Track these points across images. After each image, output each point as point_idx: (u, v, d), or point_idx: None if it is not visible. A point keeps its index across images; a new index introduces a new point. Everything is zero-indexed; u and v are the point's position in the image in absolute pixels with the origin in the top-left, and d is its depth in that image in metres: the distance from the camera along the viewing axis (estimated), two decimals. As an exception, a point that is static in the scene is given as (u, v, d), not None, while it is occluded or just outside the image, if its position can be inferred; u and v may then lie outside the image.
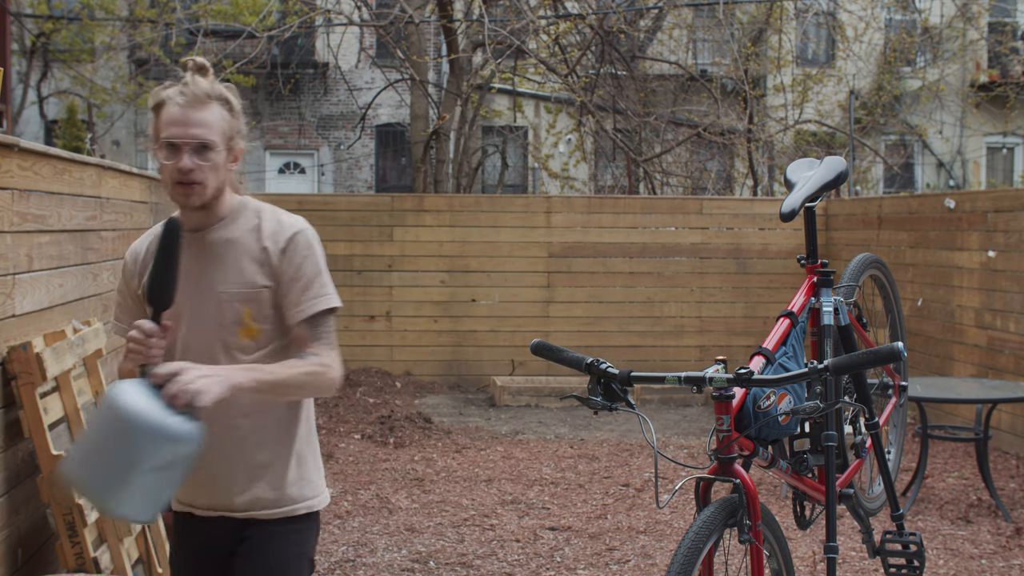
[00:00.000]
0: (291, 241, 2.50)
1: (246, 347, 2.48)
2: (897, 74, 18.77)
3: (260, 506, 2.54)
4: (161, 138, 2.42)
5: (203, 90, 2.42)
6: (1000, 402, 6.10)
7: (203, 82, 2.44)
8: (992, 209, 7.80)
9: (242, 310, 2.48)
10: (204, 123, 2.41)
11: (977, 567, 5.12)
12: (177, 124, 2.40)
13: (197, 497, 2.58)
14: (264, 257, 2.49)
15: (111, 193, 5.20)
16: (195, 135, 2.40)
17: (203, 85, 2.43)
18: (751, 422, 2.66)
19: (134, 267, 2.58)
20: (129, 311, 2.59)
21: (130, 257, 2.60)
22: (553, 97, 17.26)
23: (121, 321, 2.60)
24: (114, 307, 2.63)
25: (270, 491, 2.54)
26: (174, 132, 2.40)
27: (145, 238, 2.62)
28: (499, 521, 5.83)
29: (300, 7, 13.57)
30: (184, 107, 2.40)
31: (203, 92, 2.42)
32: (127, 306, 2.60)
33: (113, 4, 17.10)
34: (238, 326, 2.48)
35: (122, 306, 2.61)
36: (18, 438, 3.70)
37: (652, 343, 10.29)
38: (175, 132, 2.40)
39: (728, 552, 2.66)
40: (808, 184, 3.26)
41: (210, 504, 2.57)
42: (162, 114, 2.43)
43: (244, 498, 2.53)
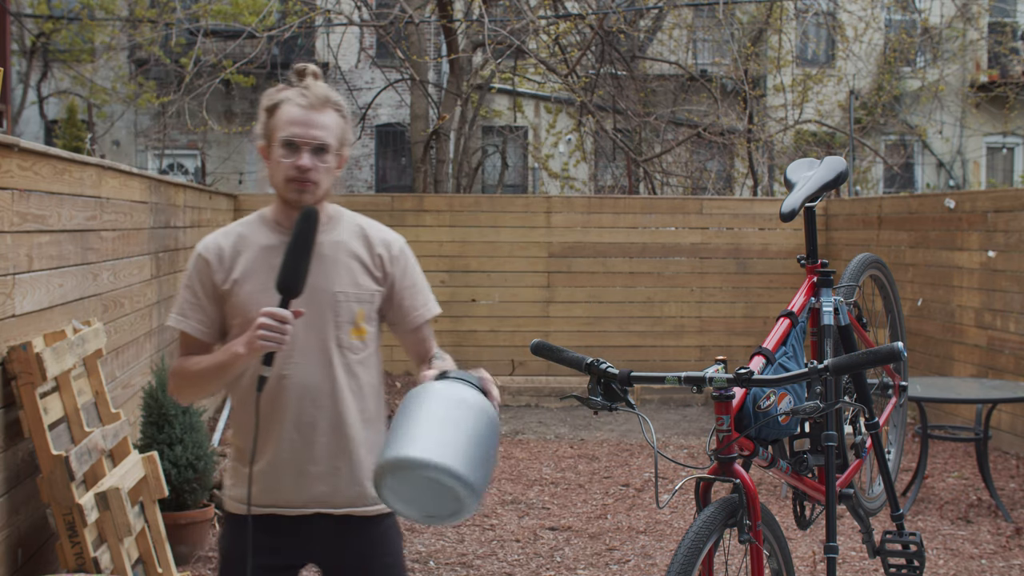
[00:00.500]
0: (402, 251, 2.64)
1: (356, 347, 2.55)
2: (897, 74, 18.77)
3: (362, 502, 2.56)
4: (280, 136, 2.47)
5: (323, 94, 2.50)
6: (1000, 402, 6.10)
7: (322, 87, 2.52)
8: (992, 209, 7.80)
9: (356, 311, 2.55)
10: (324, 126, 2.49)
11: (977, 567, 5.12)
12: (299, 124, 2.47)
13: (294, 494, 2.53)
14: (377, 263, 2.59)
15: (111, 193, 5.20)
16: (316, 136, 2.47)
17: (322, 90, 2.51)
18: (751, 422, 2.66)
19: (218, 264, 2.55)
20: (202, 309, 2.56)
21: (212, 255, 2.56)
22: (553, 97, 17.25)
23: (190, 319, 2.56)
24: (179, 302, 2.58)
25: (368, 488, 2.55)
26: (296, 132, 2.46)
27: (225, 236, 2.59)
28: (499, 521, 5.83)
29: (300, 7, 13.57)
30: (306, 109, 2.48)
31: (323, 96, 2.50)
32: (200, 305, 2.56)
33: (113, 4, 17.09)
34: (351, 326, 2.55)
35: (194, 305, 2.56)
36: (18, 438, 3.70)
37: (652, 343, 10.29)
38: (297, 132, 2.46)
39: (728, 552, 2.66)
40: (808, 184, 3.26)
41: (309, 500, 2.53)
42: (279, 114, 2.49)
43: (347, 494, 2.55)
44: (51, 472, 3.64)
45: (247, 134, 18.94)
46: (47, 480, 3.65)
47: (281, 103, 2.50)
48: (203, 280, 2.56)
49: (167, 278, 6.75)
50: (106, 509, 3.76)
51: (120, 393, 5.33)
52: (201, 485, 5.07)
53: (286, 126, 2.47)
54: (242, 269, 2.53)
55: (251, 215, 2.65)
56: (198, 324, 2.56)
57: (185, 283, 2.59)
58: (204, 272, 2.56)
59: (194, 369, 2.51)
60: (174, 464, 4.93)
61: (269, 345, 2.33)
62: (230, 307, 2.54)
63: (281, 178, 2.50)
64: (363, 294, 2.56)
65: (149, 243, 6.16)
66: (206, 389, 2.56)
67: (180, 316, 2.57)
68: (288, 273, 2.35)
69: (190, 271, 2.58)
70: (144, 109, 18.16)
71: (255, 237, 2.57)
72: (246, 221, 2.63)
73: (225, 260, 2.55)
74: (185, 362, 2.55)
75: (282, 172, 2.49)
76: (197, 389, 2.56)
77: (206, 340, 2.57)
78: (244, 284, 2.52)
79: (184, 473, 4.96)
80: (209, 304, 2.56)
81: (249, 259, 2.54)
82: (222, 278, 2.54)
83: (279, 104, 2.50)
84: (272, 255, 2.49)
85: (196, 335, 2.56)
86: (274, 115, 2.51)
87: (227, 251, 2.56)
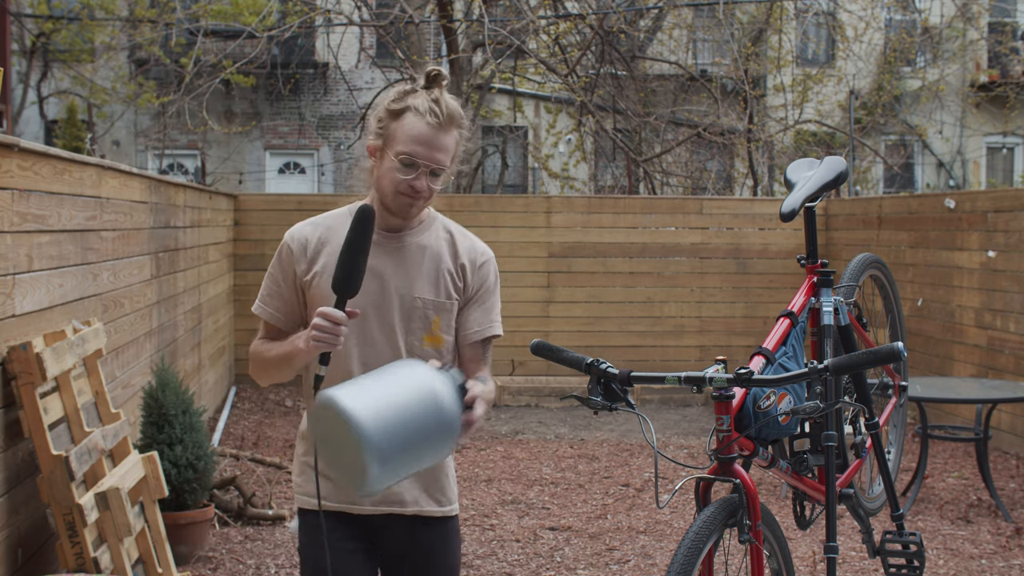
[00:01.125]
0: (486, 263, 2.57)
1: (429, 355, 2.47)
2: (897, 74, 18.77)
3: (429, 503, 2.56)
4: (400, 149, 2.39)
5: (452, 113, 2.41)
6: (1000, 402, 6.10)
7: (453, 104, 2.43)
8: (992, 209, 7.80)
9: (432, 318, 2.51)
10: (447, 149, 2.42)
11: (977, 567, 5.12)
12: (424, 144, 2.39)
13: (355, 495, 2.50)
14: (459, 273, 2.54)
15: (111, 193, 5.20)
16: (438, 160, 2.40)
17: (453, 108, 2.42)
18: (751, 422, 2.66)
19: (302, 254, 2.51)
20: (281, 298, 2.54)
21: (296, 244, 2.52)
22: (553, 97, 17.25)
23: (268, 306, 2.55)
24: (262, 290, 2.57)
25: (436, 490, 2.56)
26: (419, 152, 2.38)
27: (313, 227, 2.55)
28: (499, 521, 5.83)
29: (300, 7, 13.57)
30: (434, 129, 2.39)
31: (452, 115, 2.41)
32: (280, 293, 2.54)
33: (113, 4, 17.10)
34: (424, 332, 2.50)
35: (274, 293, 2.55)
36: (18, 438, 3.70)
37: (652, 343, 10.29)
38: (420, 152, 2.39)
39: (728, 552, 2.66)
40: (808, 184, 3.26)
41: (379, 500, 2.51)
42: (404, 123, 2.40)
43: (416, 494, 2.54)
44: (51, 472, 3.64)
45: (247, 134, 18.95)
46: (47, 480, 3.65)
47: (408, 111, 2.40)
48: (285, 269, 2.53)
49: (167, 278, 6.75)
50: (106, 509, 3.76)
51: (120, 393, 5.33)
52: (201, 485, 5.07)
53: (409, 142, 2.39)
54: (324, 262, 2.49)
55: (342, 207, 2.58)
56: (275, 312, 2.54)
57: (269, 271, 2.56)
58: (287, 261, 2.52)
59: (266, 355, 2.51)
60: (174, 464, 4.93)
61: (321, 346, 2.28)
62: (309, 298, 2.51)
63: (391, 188, 2.43)
64: (442, 303, 2.51)
65: (149, 243, 6.16)
66: (277, 375, 2.53)
67: (261, 303, 2.56)
68: (343, 273, 2.29)
69: (275, 260, 2.55)
70: (144, 109, 18.16)
71: (341, 229, 2.46)
72: (338, 213, 2.57)
73: (309, 251, 2.51)
74: (261, 346, 2.54)
75: (393, 184, 2.42)
76: (269, 374, 2.55)
77: (283, 327, 2.54)
78: (324, 277, 2.48)
79: (184, 473, 4.96)
80: (289, 292, 2.53)
81: (332, 252, 2.47)
82: (304, 269, 2.51)
83: (406, 111, 2.41)
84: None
85: (274, 322, 2.54)
86: (398, 121, 2.41)
87: (312, 242, 2.52)
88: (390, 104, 2.44)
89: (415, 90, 2.44)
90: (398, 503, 2.53)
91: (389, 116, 2.43)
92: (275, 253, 2.57)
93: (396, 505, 2.53)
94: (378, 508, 2.52)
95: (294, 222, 2.62)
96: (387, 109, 2.44)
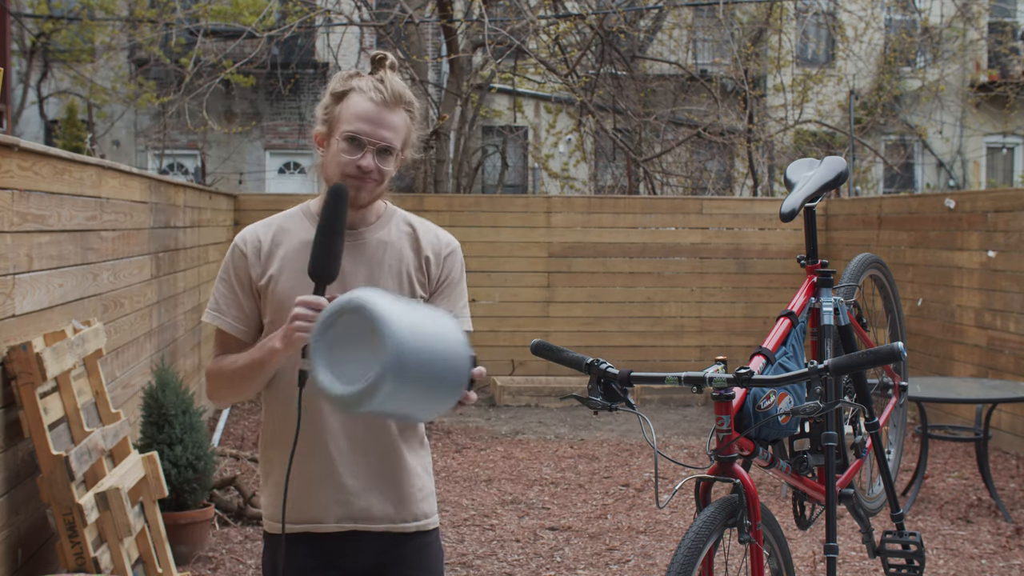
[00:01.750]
0: (451, 256, 2.48)
1: None
2: (897, 74, 18.76)
3: (401, 519, 2.41)
4: (345, 129, 2.31)
5: (398, 92, 2.34)
6: (1000, 402, 6.10)
7: (398, 83, 2.35)
8: (992, 209, 7.80)
9: None
10: (393, 126, 2.33)
11: (977, 567, 5.12)
12: (368, 121, 2.31)
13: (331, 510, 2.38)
14: (424, 267, 2.44)
15: (111, 193, 5.20)
16: (383, 137, 2.32)
17: (398, 86, 2.35)
18: (751, 422, 2.66)
19: (256, 258, 2.40)
20: (239, 305, 2.40)
21: (249, 247, 2.41)
22: (553, 97, 17.25)
23: (226, 315, 2.40)
24: (214, 297, 2.42)
25: (408, 503, 2.42)
26: (363, 129, 2.31)
27: (265, 228, 2.44)
28: (499, 521, 5.83)
29: (300, 7, 13.57)
30: (379, 105, 2.32)
31: (398, 93, 2.34)
32: (236, 300, 2.40)
33: (113, 4, 17.10)
34: None
35: (230, 301, 2.40)
36: (18, 438, 3.70)
37: (652, 343, 10.29)
38: (365, 129, 2.31)
39: (728, 552, 2.66)
40: (808, 184, 3.26)
41: (345, 516, 2.38)
42: (348, 104, 2.33)
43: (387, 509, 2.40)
44: (51, 472, 3.64)
45: (247, 134, 18.94)
46: (47, 480, 3.65)
47: (352, 92, 2.33)
48: (239, 274, 2.40)
49: (167, 278, 6.75)
50: (106, 509, 3.76)
51: (120, 393, 5.33)
52: (201, 485, 5.07)
53: (353, 120, 2.31)
54: (279, 264, 2.38)
55: (295, 207, 2.49)
56: (234, 320, 2.40)
57: (221, 276, 2.43)
58: (240, 266, 2.40)
59: (230, 369, 2.35)
60: (174, 464, 4.93)
61: (306, 337, 2.13)
62: (265, 303, 2.39)
63: (337, 172, 2.33)
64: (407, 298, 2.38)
65: (149, 243, 6.16)
66: (244, 390, 2.38)
67: (215, 312, 2.41)
68: (320, 257, 2.19)
69: (226, 264, 2.43)
70: (144, 109, 18.16)
71: (296, 230, 2.42)
72: (289, 214, 2.47)
73: (262, 253, 2.40)
74: (221, 361, 2.39)
75: (340, 167, 2.33)
76: (234, 390, 2.40)
77: (243, 338, 2.40)
78: (280, 280, 2.37)
79: (184, 473, 4.96)
80: (246, 299, 2.40)
81: (287, 253, 2.39)
82: (259, 272, 2.39)
83: (349, 92, 2.34)
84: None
85: (232, 332, 2.40)
86: (341, 103, 2.34)
87: (265, 244, 2.41)
88: (333, 88, 2.37)
89: (359, 73, 2.38)
90: (366, 519, 2.38)
91: (333, 100, 2.36)
92: (226, 257, 2.43)
93: (364, 522, 2.38)
94: (343, 525, 2.38)
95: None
96: (331, 93, 2.37)
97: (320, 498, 2.37)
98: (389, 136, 2.32)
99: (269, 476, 2.45)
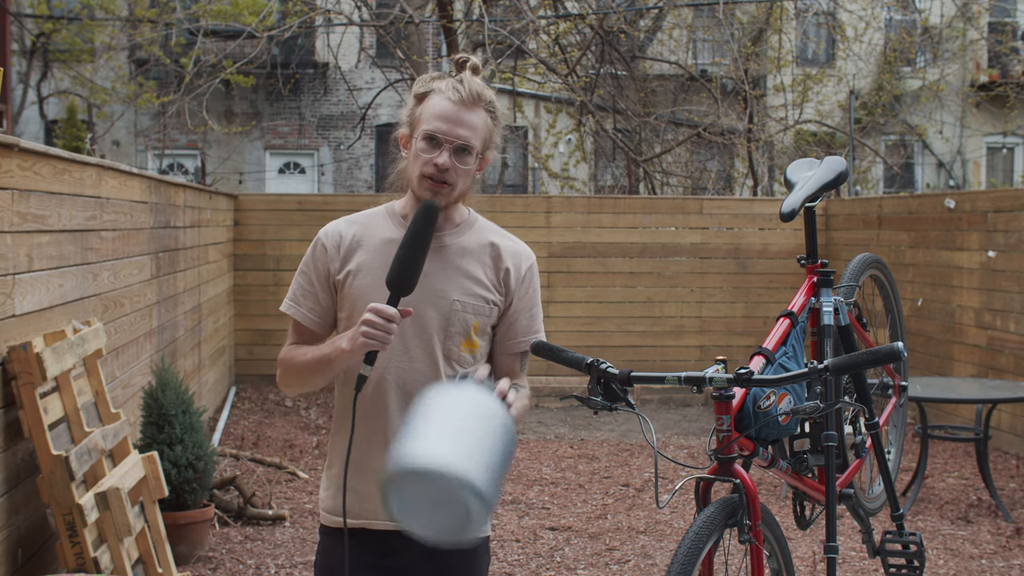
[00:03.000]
0: (531, 269, 2.49)
1: (465, 360, 2.41)
2: (897, 74, 18.77)
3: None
4: (423, 129, 2.33)
5: (477, 91, 2.34)
6: (1000, 402, 6.10)
7: (478, 83, 2.37)
8: (992, 209, 7.80)
9: (472, 322, 2.40)
10: (471, 125, 2.33)
11: (977, 567, 5.12)
12: (446, 120, 2.32)
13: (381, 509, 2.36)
14: (503, 277, 2.44)
15: (111, 193, 5.20)
16: (461, 135, 2.32)
17: (477, 87, 2.36)
18: (751, 422, 2.66)
19: (336, 251, 2.42)
20: (315, 297, 2.43)
21: (330, 241, 2.43)
22: (553, 97, 17.25)
23: (301, 306, 2.44)
24: (293, 288, 2.46)
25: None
26: (441, 128, 2.32)
27: (348, 224, 2.46)
28: (499, 521, 5.83)
29: (300, 7, 13.57)
30: (457, 104, 2.33)
31: (476, 93, 2.34)
32: (313, 292, 2.44)
33: (113, 4, 17.10)
34: (462, 337, 2.40)
35: (307, 292, 2.44)
36: (18, 438, 3.70)
37: (652, 343, 10.29)
38: (442, 128, 2.32)
39: (728, 552, 2.66)
40: (808, 184, 3.26)
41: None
42: (427, 104, 2.35)
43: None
44: (51, 472, 3.64)
45: (247, 134, 18.95)
46: (47, 480, 3.65)
47: (432, 93, 2.36)
48: (319, 267, 2.43)
49: (167, 278, 6.75)
50: (106, 509, 3.76)
51: (120, 393, 5.33)
52: (201, 485, 5.07)
53: (432, 119, 2.33)
54: (359, 260, 2.40)
55: (380, 206, 2.50)
56: (309, 312, 2.43)
57: (301, 268, 2.46)
58: (321, 259, 2.43)
59: (300, 360, 2.38)
60: (174, 464, 4.93)
61: (372, 344, 2.18)
62: (341, 298, 2.42)
63: (416, 172, 2.35)
64: (481, 307, 2.41)
65: (149, 243, 6.16)
66: (310, 382, 2.41)
67: (292, 303, 2.45)
68: (401, 269, 2.20)
69: (307, 256, 2.46)
70: (144, 109, 18.16)
71: (378, 229, 2.43)
72: (373, 212, 2.49)
73: (343, 249, 2.42)
74: (293, 351, 2.42)
75: (419, 167, 2.34)
76: (302, 381, 2.42)
77: (317, 330, 2.43)
78: (359, 276, 2.39)
79: (184, 473, 4.96)
80: (322, 292, 2.43)
81: (368, 251, 2.41)
82: (337, 267, 2.42)
83: (429, 94, 2.36)
84: (393, 250, 2.33)
85: (307, 323, 2.43)
86: (422, 104, 2.36)
87: (347, 240, 2.43)
88: (416, 90, 2.39)
89: (441, 75, 2.40)
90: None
91: (416, 101, 2.38)
92: (308, 250, 2.47)
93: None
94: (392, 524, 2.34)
95: (294, 222, 2.58)
96: (414, 95, 2.39)
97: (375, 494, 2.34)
98: (466, 134, 2.33)
99: (331, 466, 2.48)
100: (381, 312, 2.18)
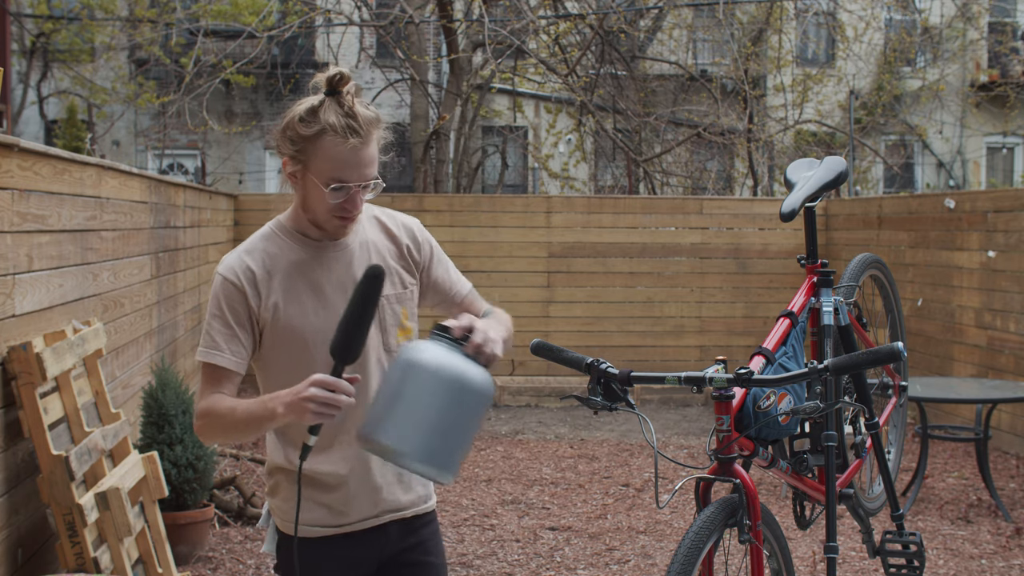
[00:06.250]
0: (421, 231, 2.52)
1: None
2: (897, 74, 18.77)
3: (422, 501, 2.49)
4: (328, 176, 2.24)
5: (368, 121, 2.25)
6: (1000, 402, 6.10)
7: (365, 111, 2.27)
8: (992, 209, 7.80)
9: (400, 311, 2.42)
10: (372, 159, 2.27)
11: (977, 567, 5.12)
12: (349, 167, 2.23)
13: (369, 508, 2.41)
14: (406, 254, 2.46)
15: (111, 193, 5.20)
16: (367, 176, 2.27)
17: (367, 115, 2.26)
18: (751, 422, 2.66)
19: (252, 287, 2.31)
20: (236, 340, 2.31)
21: (243, 279, 2.31)
22: (553, 97, 17.26)
23: (222, 351, 2.30)
24: (209, 334, 2.31)
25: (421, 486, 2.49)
26: (349, 176, 2.24)
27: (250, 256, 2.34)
28: (499, 521, 5.83)
29: (300, 7, 13.57)
30: (356, 147, 2.23)
31: (369, 124, 2.25)
32: (233, 335, 2.31)
33: (113, 4, 17.10)
34: (396, 328, 2.41)
35: (225, 335, 2.30)
36: (18, 438, 3.70)
37: (652, 343, 10.29)
38: (351, 176, 2.24)
39: (728, 552, 2.66)
40: (808, 184, 3.26)
41: (382, 511, 2.42)
42: (323, 148, 2.23)
43: (411, 495, 2.46)
44: (51, 472, 3.64)
45: (247, 134, 18.94)
46: (47, 480, 3.65)
47: (324, 133, 2.22)
48: (236, 308, 2.31)
49: (167, 278, 6.75)
50: (106, 509, 3.76)
51: (120, 393, 5.33)
52: (201, 485, 5.07)
53: (336, 168, 2.23)
54: (278, 290, 2.32)
55: (264, 228, 2.41)
56: (234, 356, 2.31)
57: (213, 312, 2.32)
58: (237, 299, 2.31)
59: (228, 418, 2.27)
60: (174, 464, 4.93)
61: (319, 418, 2.10)
62: (272, 333, 2.33)
63: (324, 214, 2.29)
64: (402, 293, 2.43)
65: (149, 243, 6.16)
66: (238, 438, 2.34)
67: (212, 350, 2.30)
68: (346, 338, 2.11)
69: (218, 299, 2.31)
70: (144, 109, 18.16)
71: (282, 252, 2.35)
72: (264, 235, 2.38)
73: (259, 283, 2.32)
74: (216, 403, 2.29)
75: (327, 210, 2.28)
76: (227, 436, 2.36)
77: (241, 371, 2.34)
78: (286, 307, 2.31)
79: (184, 473, 4.96)
80: (243, 333, 2.31)
81: (283, 278, 2.32)
82: (258, 303, 2.31)
83: (322, 134, 2.22)
84: (306, 269, 2.32)
85: (234, 368, 2.31)
86: (315, 144, 2.23)
87: (259, 273, 2.32)
88: (301, 128, 2.24)
89: (322, 103, 2.25)
90: (396, 508, 2.44)
91: (304, 140, 2.24)
92: (214, 294, 2.32)
93: (395, 512, 2.44)
94: (380, 519, 2.43)
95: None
96: (301, 131, 2.24)
97: (359, 501, 2.40)
98: (371, 172, 2.28)
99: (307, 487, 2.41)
100: (326, 384, 2.09)
